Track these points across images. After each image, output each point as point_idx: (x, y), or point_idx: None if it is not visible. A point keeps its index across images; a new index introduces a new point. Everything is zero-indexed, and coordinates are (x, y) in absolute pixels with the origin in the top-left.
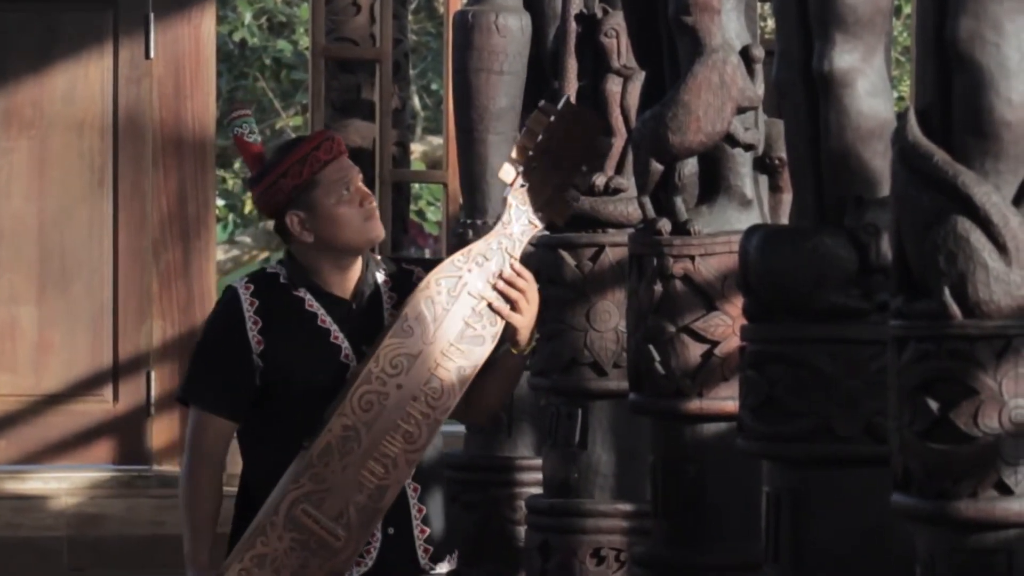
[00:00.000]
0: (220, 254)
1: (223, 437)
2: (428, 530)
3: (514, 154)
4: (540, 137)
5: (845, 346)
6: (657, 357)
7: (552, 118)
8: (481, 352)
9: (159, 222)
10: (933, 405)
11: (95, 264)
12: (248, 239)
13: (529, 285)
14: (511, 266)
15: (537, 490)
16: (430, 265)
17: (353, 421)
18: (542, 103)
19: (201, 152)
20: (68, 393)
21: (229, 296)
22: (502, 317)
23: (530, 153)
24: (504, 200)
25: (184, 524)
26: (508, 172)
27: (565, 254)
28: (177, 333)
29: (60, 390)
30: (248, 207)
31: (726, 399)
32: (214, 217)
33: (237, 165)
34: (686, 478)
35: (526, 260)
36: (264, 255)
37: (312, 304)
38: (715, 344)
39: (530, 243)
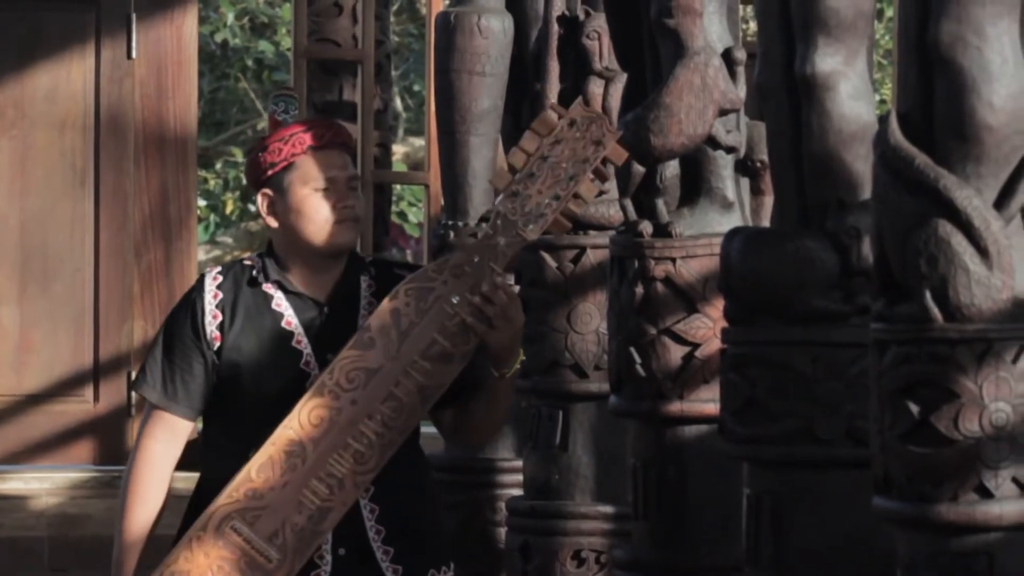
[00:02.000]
0: (201, 254)
1: (174, 435)
2: (393, 550)
3: (511, 158)
4: (543, 141)
5: (826, 349)
6: (638, 359)
7: (560, 121)
8: (448, 371)
9: (140, 222)
10: (914, 408)
11: (77, 264)
12: (229, 239)
13: (510, 302)
14: (492, 280)
15: (518, 492)
16: (414, 270)
17: (299, 435)
18: (551, 103)
19: (182, 152)
20: (49, 393)
21: (194, 285)
22: (475, 335)
23: (529, 158)
24: (493, 208)
25: (116, 526)
26: (502, 177)
27: (546, 256)
28: None
29: (41, 390)
30: (230, 208)
31: (707, 401)
32: (195, 217)
33: (219, 165)
34: (667, 480)
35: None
36: (245, 255)
37: (280, 303)
38: (696, 346)
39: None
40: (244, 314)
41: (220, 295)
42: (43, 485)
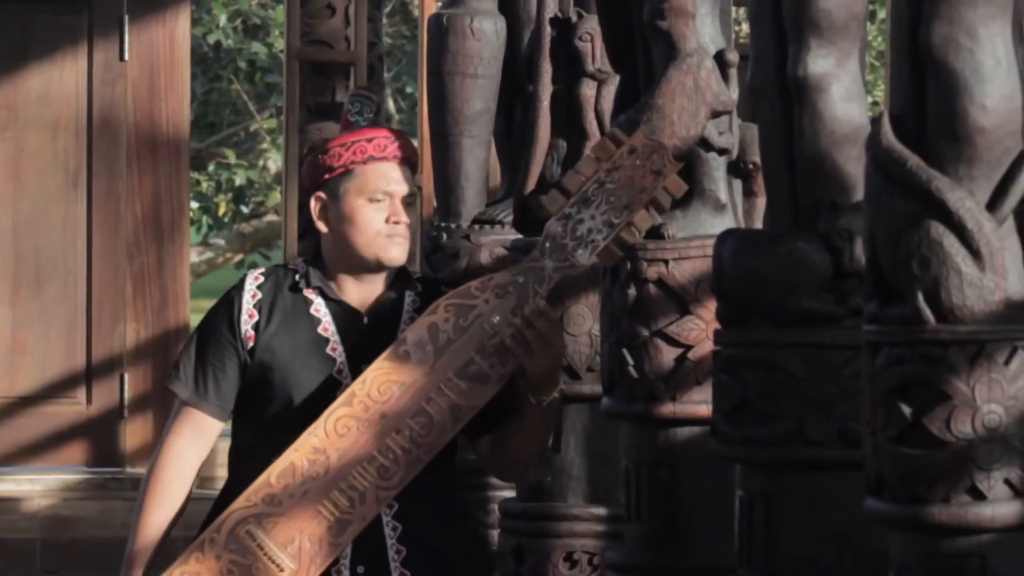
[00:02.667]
0: (194, 256)
1: (202, 435)
2: (410, 574)
3: (567, 181)
4: (601, 166)
5: (818, 351)
6: (631, 361)
7: (621, 148)
8: (483, 392)
9: (133, 224)
10: (906, 410)
11: (69, 266)
12: (222, 241)
13: (552, 328)
14: (535, 304)
15: (510, 494)
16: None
17: (324, 444)
18: (614, 129)
19: (175, 154)
20: (42, 395)
21: (235, 284)
22: (514, 359)
23: (586, 182)
24: (545, 230)
25: (133, 520)
26: (555, 201)
27: None
28: (151, 335)
29: (34, 392)
30: (222, 210)
31: (699, 403)
32: (188, 219)
33: (212, 167)
34: (659, 482)
35: (501, 263)
36: (239, 257)
37: (319, 308)
38: (688, 348)
39: (504, 247)
40: (281, 316)
41: (259, 295)
42: (35, 487)
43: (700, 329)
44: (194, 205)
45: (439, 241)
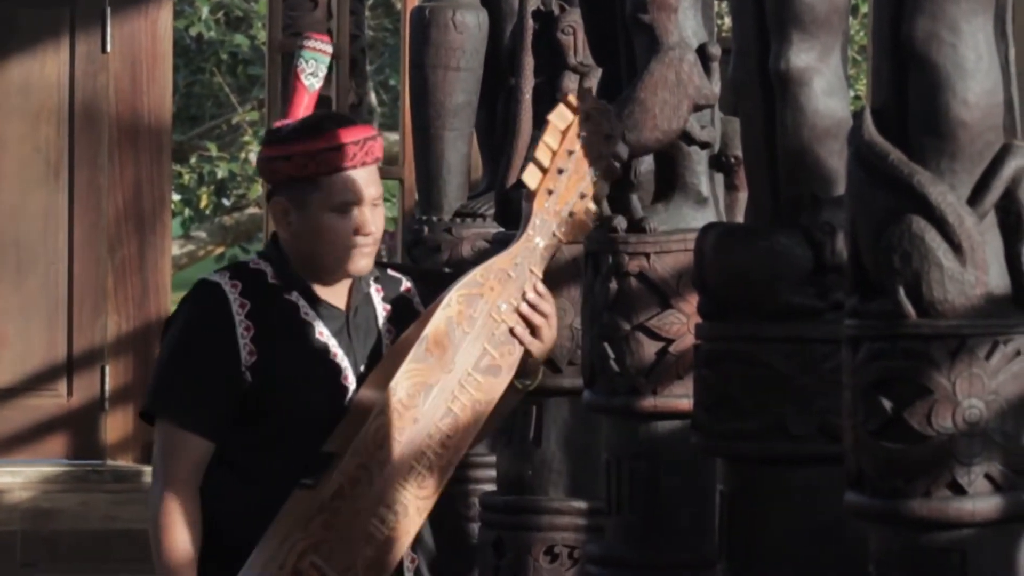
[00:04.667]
0: (175, 249)
1: (200, 461)
2: None
3: (538, 153)
4: (567, 135)
5: (800, 345)
6: (612, 355)
7: (577, 115)
8: (497, 384)
9: (114, 216)
10: (887, 404)
11: (50, 258)
12: (204, 234)
13: (552, 309)
14: (535, 286)
15: (491, 487)
16: (414, 274)
17: (367, 460)
18: (567, 95)
19: (157, 146)
20: (22, 387)
21: (214, 294)
22: (522, 344)
23: (555, 154)
24: (526, 207)
25: (160, 564)
26: (532, 175)
27: None
28: (132, 328)
29: (14, 384)
30: (204, 202)
31: (680, 397)
32: (170, 212)
33: (193, 160)
34: (640, 476)
35: (482, 257)
36: (220, 250)
37: (307, 312)
38: (670, 342)
39: (485, 240)
40: (276, 325)
41: (248, 304)
42: (15, 479)
43: (681, 323)
44: (176, 197)
45: (421, 234)
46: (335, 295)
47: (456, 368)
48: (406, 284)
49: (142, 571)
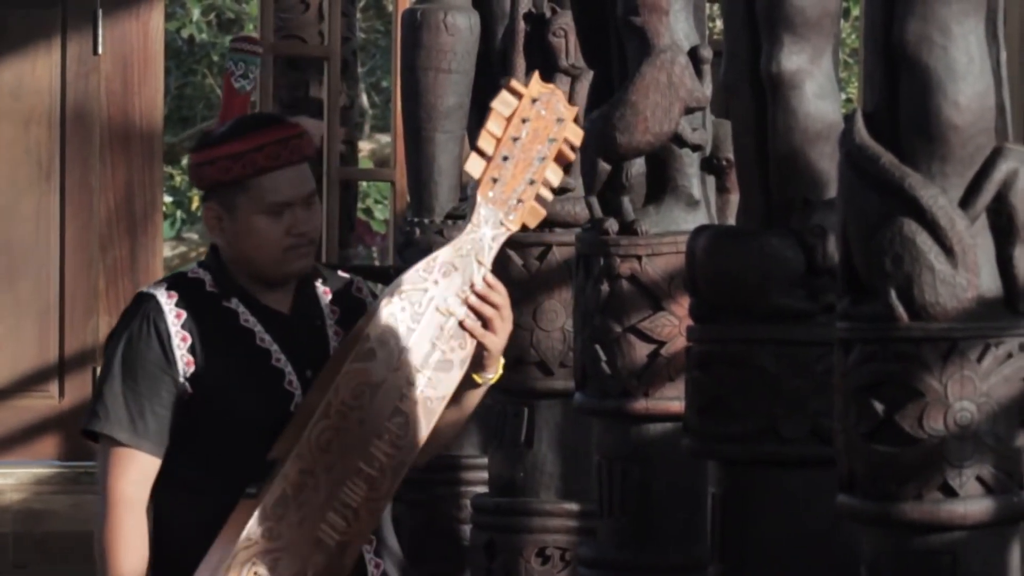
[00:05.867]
0: (167, 251)
1: (145, 477)
2: None
3: (481, 142)
4: (511, 122)
5: (791, 347)
6: (603, 357)
7: (522, 100)
8: (449, 380)
9: (106, 218)
10: (878, 407)
11: (42, 259)
12: (195, 236)
13: (504, 300)
14: (483, 277)
15: (483, 489)
16: (368, 274)
17: (311, 464)
18: (508, 80)
19: (148, 148)
20: (14, 388)
21: (148, 305)
22: (474, 337)
23: (499, 141)
24: (471, 197)
25: None
26: (476, 164)
27: (512, 253)
28: None
29: (6, 385)
30: (196, 204)
31: (672, 399)
32: (161, 213)
33: (185, 161)
34: (632, 478)
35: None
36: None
37: (247, 318)
38: (661, 344)
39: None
40: (213, 334)
41: (184, 315)
42: (7, 481)
43: (673, 325)
44: (167, 199)
45: (412, 236)
46: (277, 300)
47: (403, 366)
48: (356, 284)
49: None
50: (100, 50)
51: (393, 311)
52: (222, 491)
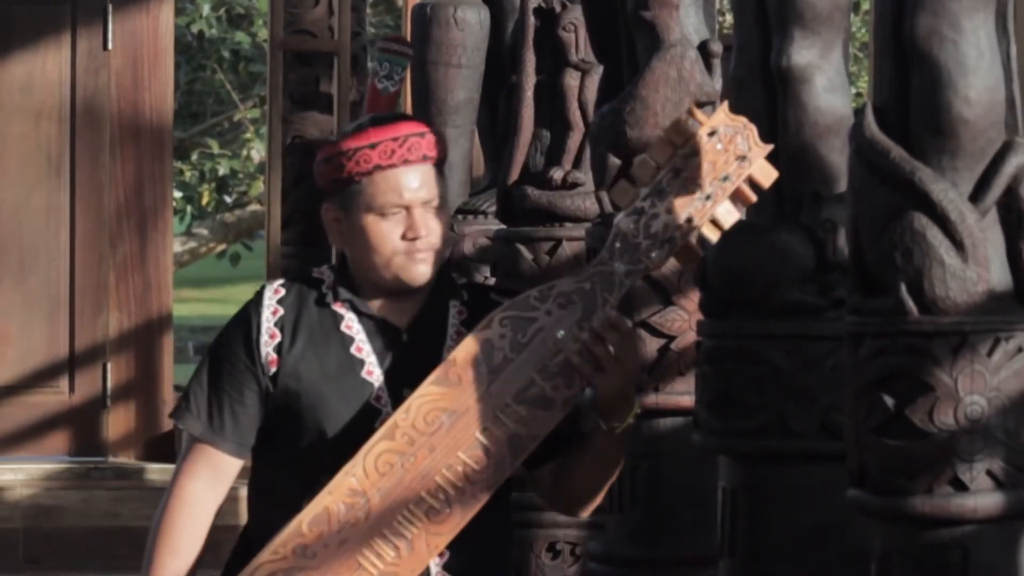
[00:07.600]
0: (177, 246)
1: (218, 476)
2: None
3: (638, 169)
4: (677, 152)
5: (801, 342)
6: None
7: (700, 130)
8: (546, 419)
9: (116, 213)
10: (889, 401)
11: (52, 255)
12: (205, 231)
13: (625, 341)
14: (605, 314)
15: None
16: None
17: (363, 485)
18: (689, 111)
19: (158, 143)
20: (24, 384)
21: (252, 299)
22: (582, 379)
23: (659, 171)
24: (614, 228)
25: (143, 572)
26: (624, 193)
27: (522, 248)
28: (133, 325)
29: (16, 381)
30: (206, 199)
31: (682, 394)
32: (171, 209)
33: (195, 157)
34: (642, 473)
35: (484, 254)
36: (221, 247)
37: (351, 325)
38: (672, 339)
39: (487, 237)
40: (307, 335)
41: (281, 311)
42: (18, 476)
43: (683, 320)
44: (177, 194)
45: None
46: (396, 312)
47: (492, 396)
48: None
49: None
50: (110, 45)
51: (490, 336)
52: (293, 503)
